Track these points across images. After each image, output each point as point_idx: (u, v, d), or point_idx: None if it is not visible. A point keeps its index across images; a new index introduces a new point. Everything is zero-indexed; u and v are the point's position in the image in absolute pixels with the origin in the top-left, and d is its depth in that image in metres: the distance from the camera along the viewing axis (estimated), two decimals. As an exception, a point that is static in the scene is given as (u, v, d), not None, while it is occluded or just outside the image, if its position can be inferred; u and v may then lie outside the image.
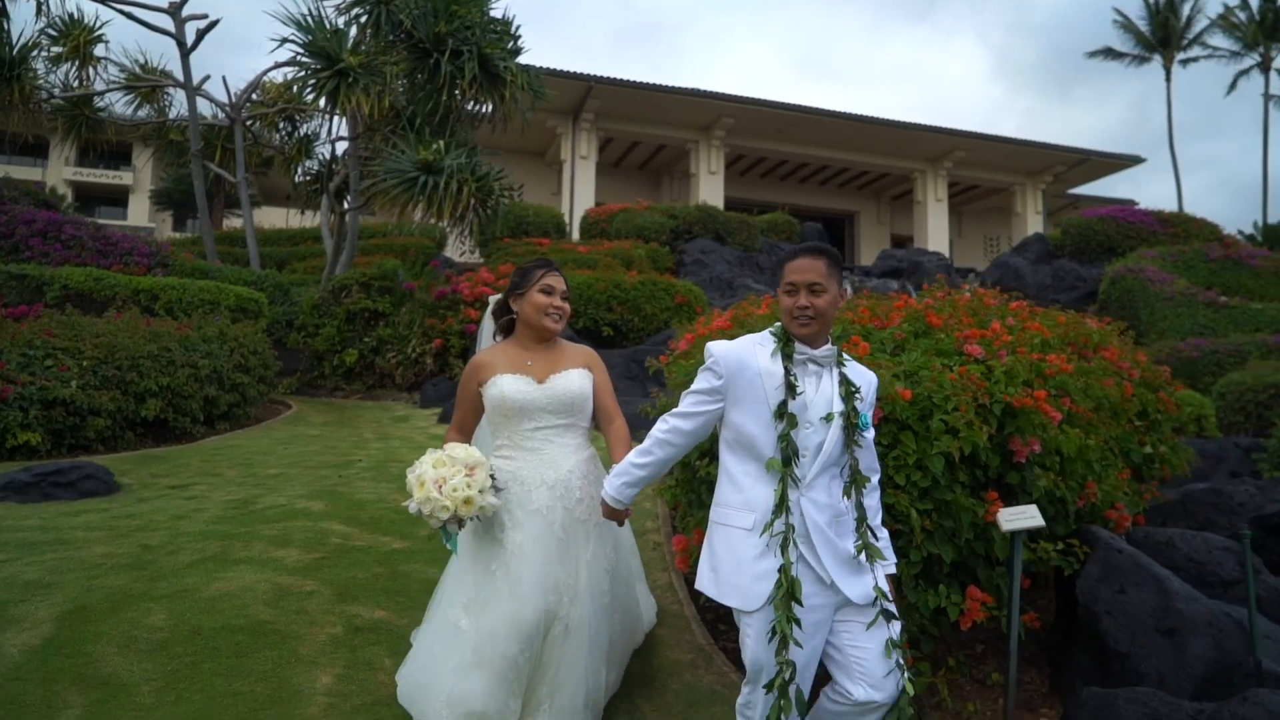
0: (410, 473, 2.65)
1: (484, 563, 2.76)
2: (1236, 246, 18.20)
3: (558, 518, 2.78)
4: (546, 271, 2.92)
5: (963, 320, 3.72)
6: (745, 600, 2.31)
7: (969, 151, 27.33)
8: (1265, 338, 13.26)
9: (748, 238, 18.50)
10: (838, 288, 2.46)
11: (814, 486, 2.35)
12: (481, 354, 2.93)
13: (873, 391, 2.54)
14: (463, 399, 2.90)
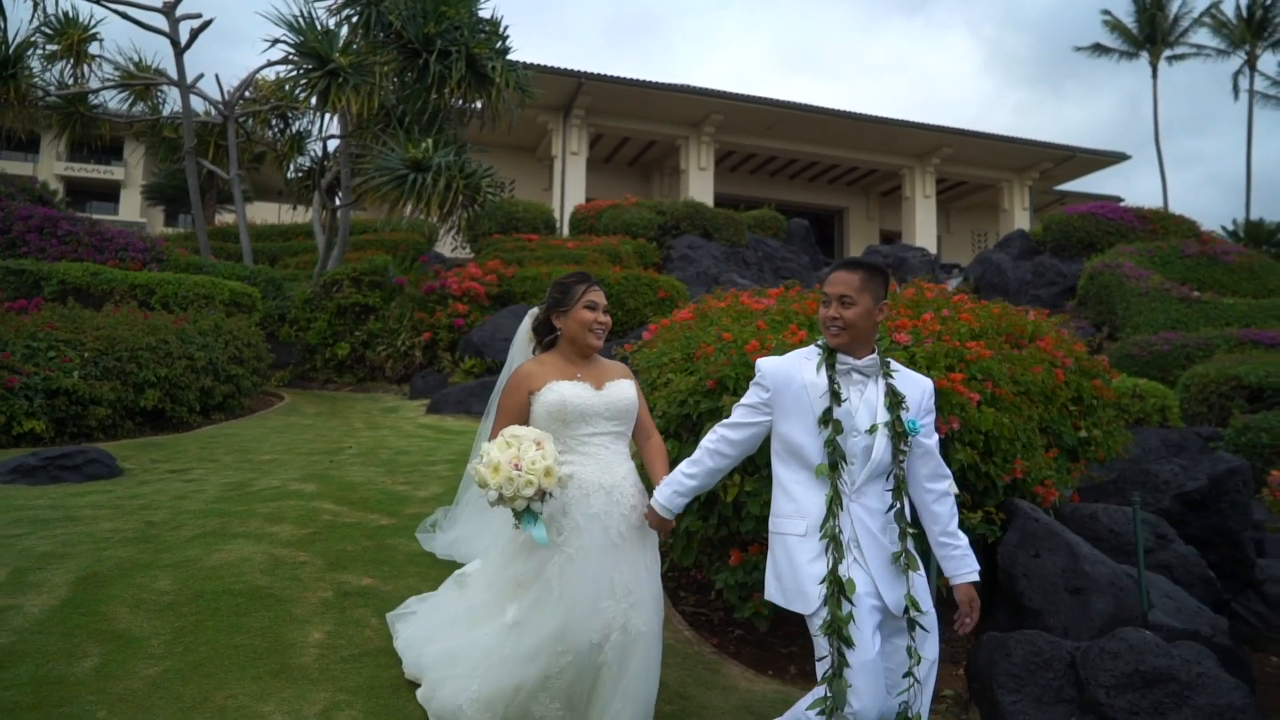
0: (476, 464, 2.59)
1: (539, 562, 2.73)
2: (1212, 243, 18.60)
3: (614, 523, 2.76)
4: (589, 287, 2.89)
5: (900, 311, 4.05)
6: (807, 604, 2.37)
7: (956, 148, 27.66)
8: (1234, 332, 13.65)
9: (734, 234, 18.82)
10: (874, 301, 2.48)
11: (865, 493, 2.43)
12: (526, 365, 2.91)
13: (927, 398, 2.55)
14: (508, 408, 2.84)
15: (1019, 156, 28.65)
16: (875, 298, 2.49)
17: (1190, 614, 3.57)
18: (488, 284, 10.98)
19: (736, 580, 3.57)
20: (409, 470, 6.10)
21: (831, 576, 2.32)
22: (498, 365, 9.86)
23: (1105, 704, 2.64)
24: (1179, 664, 2.65)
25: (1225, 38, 34.01)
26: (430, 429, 7.89)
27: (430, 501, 5.35)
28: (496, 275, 11.20)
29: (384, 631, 3.60)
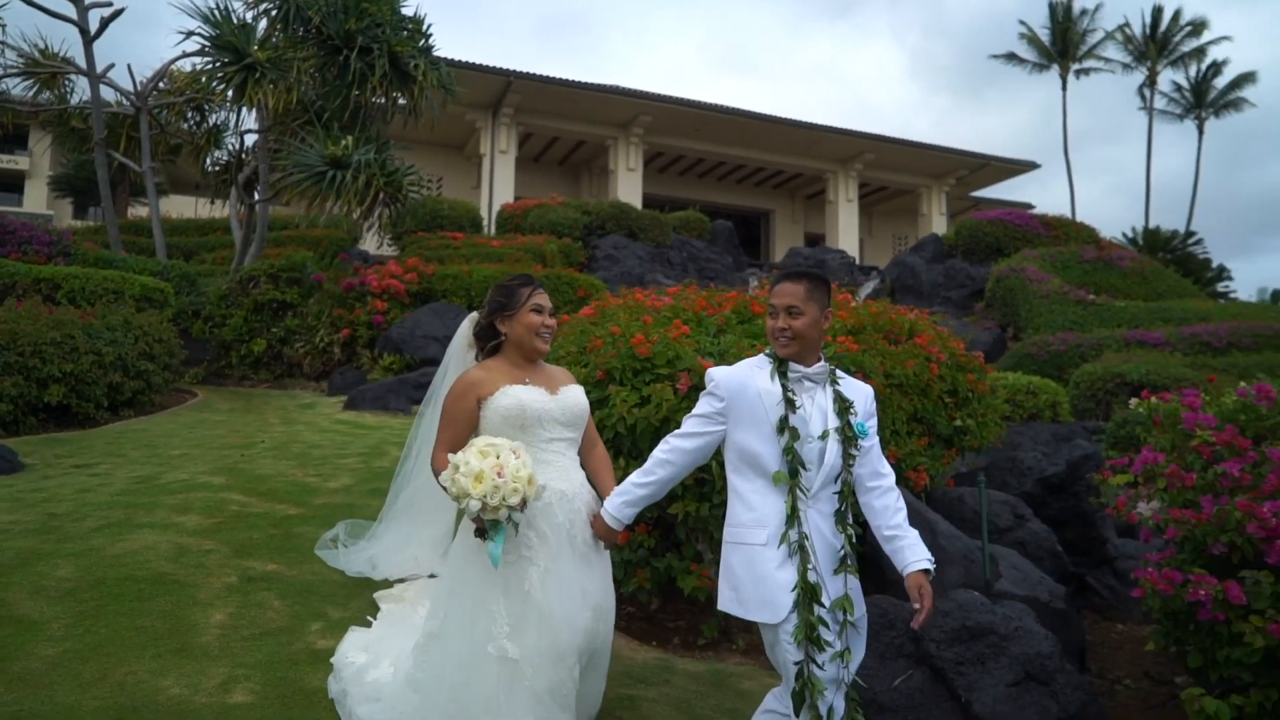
0: (455, 475, 2.45)
1: (515, 585, 2.60)
2: (1109, 249, 19.68)
3: (578, 532, 2.71)
4: (534, 290, 2.81)
5: (784, 309, 4.35)
6: (774, 612, 2.38)
7: (878, 154, 28.53)
8: (1123, 333, 14.52)
9: (659, 234, 19.14)
10: (820, 310, 2.53)
11: (819, 498, 2.47)
12: (472, 371, 2.78)
13: (870, 402, 2.63)
14: (456, 417, 2.70)
15: (936, 163, 29.70)
16: (821, 306, 2.54)
17: (1033, 583, 3.95)
18: (408, 282, 11.04)
19: (623, 558, 3.81)
20: (320, 463, 6.19)
21: (803, 583, 2.35)
22: (417, 362, 9.94)
23: (936, 656, 2.97)
24: (1000, 620, 3.00)
25: (1131, 53, 35.85)
26: (346, 424, 7.96)
27: (340, 492, 5.46)
28: (417, 273, 11.26)
29: (286, 612, 3.74)
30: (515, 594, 2.58)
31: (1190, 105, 35.24)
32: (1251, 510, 2.90)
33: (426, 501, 3.61)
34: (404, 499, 3.84)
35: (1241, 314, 15.93)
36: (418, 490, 3.68)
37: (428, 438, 3.31)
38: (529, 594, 2.57)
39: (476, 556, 2.62)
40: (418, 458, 3.62)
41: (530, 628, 2.56)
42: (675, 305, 4.35)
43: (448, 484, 2.46)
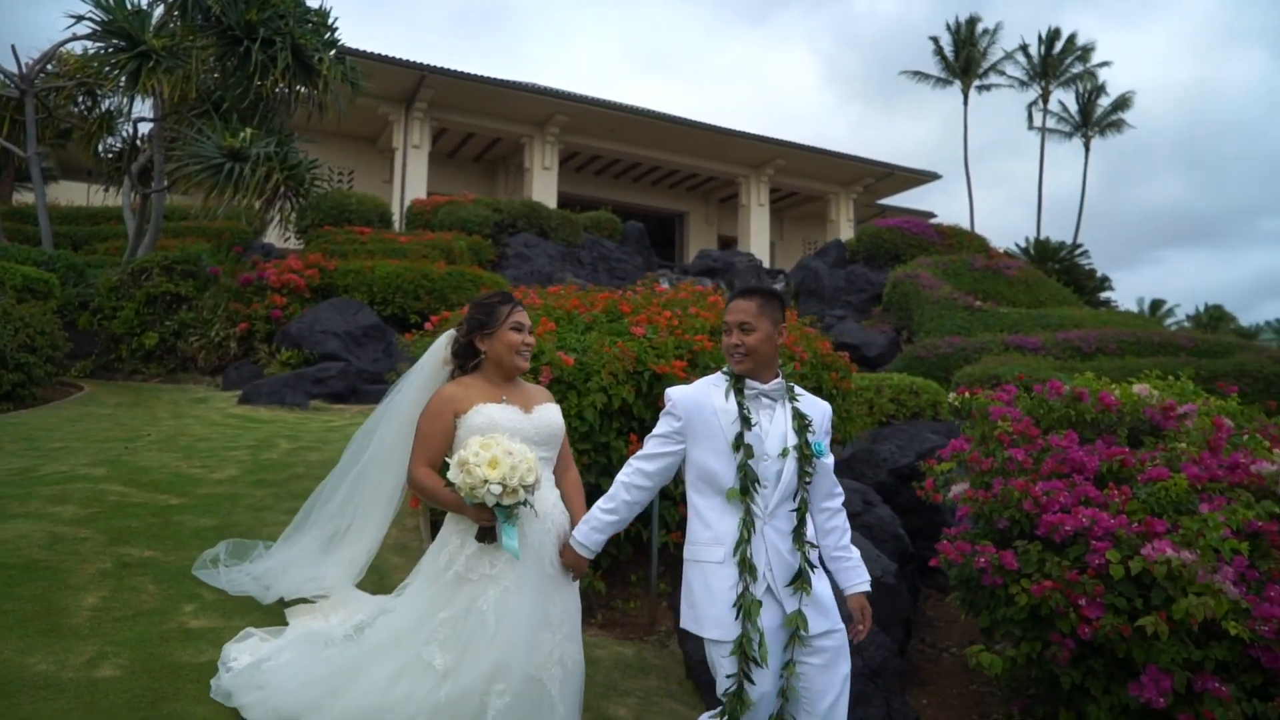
0: (467, 466, 2.47)
1: (469, 598, 2.61)
2: (998, 258, 20.83)
3: (548, 553, 2.70)
4: (513, 308, 2.82)
5: (653, 308, 4.67)
6: (726, 630, 2.39)
7: (789, 160, 29.34)
8: (1005, 337, 15.44)
9: (571, 233, 19.36)
10: (773, 325, 2.55)
11: (776, 515, 2.47)
12: (448, 388, 2.78)
13: (827, 420, 2.63)
14: (433, 434, 2.71)
15: (844, 171, 30.73)
16: (774, 321, 2.55)
17: (869, 561, 4.36)
18: (309, 277, 10.99)
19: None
20: (207, 455, 6.22)
21: (742, 599, 2.36)
22: (316, 357, 9.94)
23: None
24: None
25: (1027, 73, 37.75)
26: (239, 418, 7.95)
27: (224, 483, 5.54)
28: (318, 268, 11.22)
29: (160, 595, 3.85)
30: (464, 608, 2.59)
31: (1078, 124, 37.34)
32: (1028, 489, 3.35)
33: (360, 518, 3.53)
34: (331, 511, 3.68)
35: (1111, 321, 17.14)
36: (354, 505, 3.54)
37: (380, 458, 3.25)
38: (482, 613, 2.58)
39: (433, 564, 2.72)
40: (360, 475, 3.45)
41: (478, 641, 2.56)
42: (547, 304, 4.62)
43: (459, 479, 2.46)
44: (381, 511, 3.46)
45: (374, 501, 3.45)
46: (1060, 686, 3.18)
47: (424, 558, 2.91)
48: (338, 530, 3.68)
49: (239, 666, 3.10)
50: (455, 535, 2.71)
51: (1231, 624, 2.82)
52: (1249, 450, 3.59)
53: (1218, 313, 45.10)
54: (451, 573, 2.65)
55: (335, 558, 3.71)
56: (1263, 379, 12.37)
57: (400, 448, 3.08)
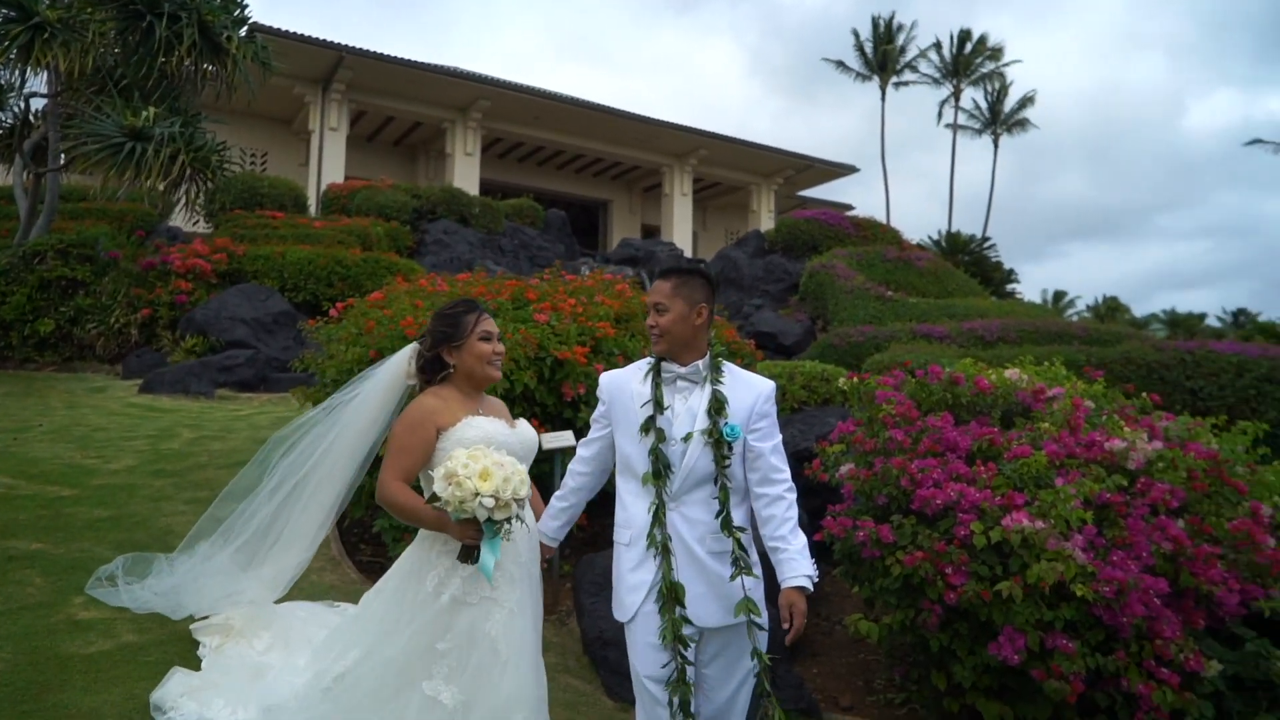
0: (455, 478, 2.30)
1: (469, 624, 2.45)
2: (909, 250, 21.52)
3: (536, 570, 2.65)
4: (479, 316, 2.71)
5: (559, 294, 4.75)
6: (622, 611, 2.45)
7: (712, 150, 29.64)
8: (913, 326, 15.98)
9: (492, 221, 19.22)
10: (688, 305, 2.48)
11: (685, 502, 2.42)
12: (428, 400, 2.63)
13: (762, 401, 2.50)
14: (413, 446, 2.54)
15: (766, 163, 31.21)
16: (690, 302, 2.49)
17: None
18: (216, 261, 10.70)
19: (391, 524, 4.10)
20: (103, 446, 6.06)
21: (666, 583, 2.35)
22: (223, 345, 9.70)
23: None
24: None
25: (940, 71, 38.93)
26: (139, 408, 7.73)
27: (121, 473, 5.41)
28: (226, 253, 10.92)
29: (48, 588, 3.78)
30: (467, 635, 2.44)
31: (987, 122, 38.71)
32: (905, 467, 3.56)
33: (289, 533, 3.29)
34: (255, 527, 3.38)
35: (1013, 312, 17.90)
36: (285, 521, 3.28)
37: (323, 474, 3.05)
38: (491, 639, 2.43)
39: (417, 588, 2.51)
40: (296, 491, 3.21)
41: (489, 670, 2.41)
42: (454, 291, 4.66)
43: (446, 493, 2.30)
44: (316, 529, 3.23)
45: (308, 518, 3.20)
46: (930, 650, 3.41)
47: (390, 580, 2.67)
48: (261, 548, 3.40)
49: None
50: (444, 556, 2.51)
51: (1079, 586, 3.07)
52: (1106, 429, 3.88)
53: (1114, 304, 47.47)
54: (447, 597, 2.45)
55: (257, 574, 3.45)
56: (1145, 365, 13.10)
57: (347, 465, 2.97)
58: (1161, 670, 3.13)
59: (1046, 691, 3.08)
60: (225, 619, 3.40)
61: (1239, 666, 3.44)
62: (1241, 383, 9.83)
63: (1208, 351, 10.48)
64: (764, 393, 2.53)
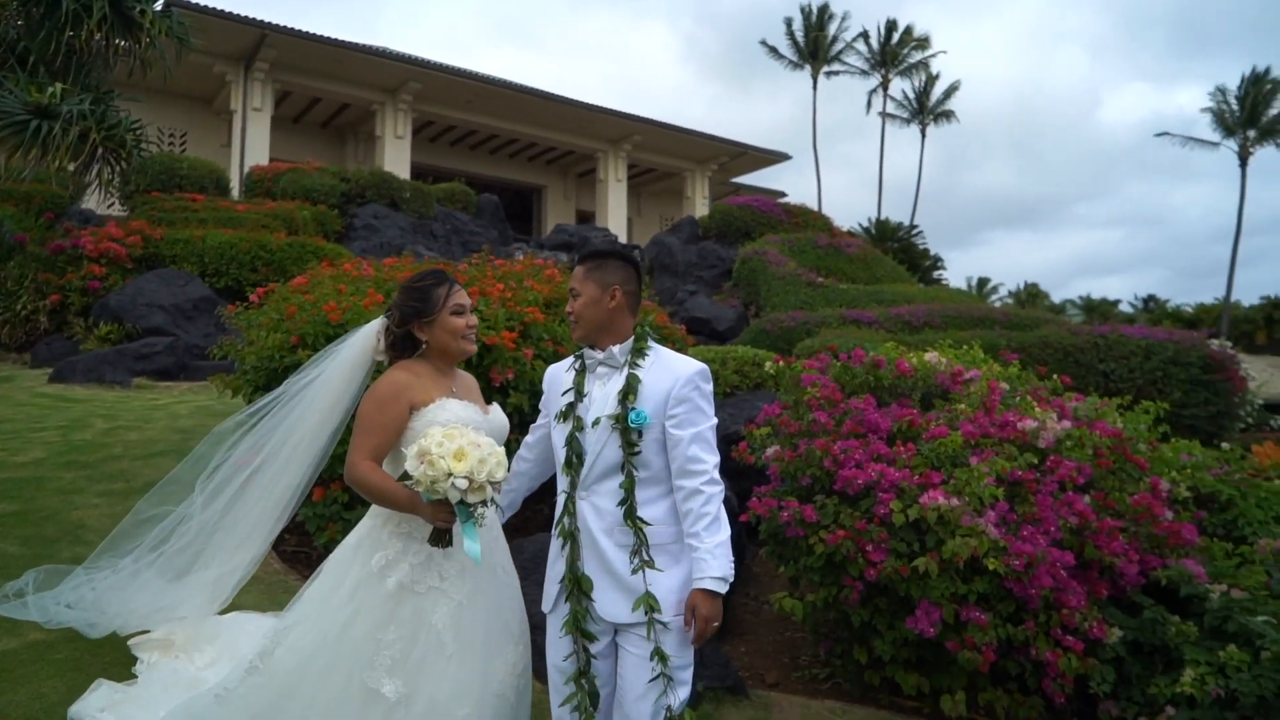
0: (429, 457, 2.19)
1: (415, 614, 2.34)
2: (840, 237, 21.93)
3: (500, 559, 2.53)
4: (450, 288, 2.58)
5: (487, 278, 4.71)
6: (545, 602, 2.44)
7: (646, 136, 29.63)
8: (843, 312, 16.32)
9: (423, 205, 18.91)
10: (600, 289, 2.42)
11: (596, 491, 2.36)
12: (399, 374, 2.49)
13: (681, 385, 2.36)
14: (382, 424, 2.41)
15: (700, 149, 31.35)
16: (602, 285, 2.42)
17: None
18: (131, 245, 10.29)
19: (315, 512, 4.03)
20: (9, 437, 5.80)
21: (570, 575, 2.32)
22: (139, 332, 9.35)
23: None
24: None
25: (868, 61, 39.58)
26: (48, 398, 7.41)
27: (29, 466, 5.19)
28: (142, 236, 10.51)
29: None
30: (412, 626, 2.32)
31: (915, 111, 39.55)
32: (828, 448, 3.65)
33: (245, 528, 3.01)
34: (200, 526, 3.11)
35: (939, 298, 18.42)
36: (236, 516, 3.01)
37: (278, 463, 2.81)
38: (436, 632, 2.32)
39: (362, 568, 2.38)
40: (247, 484, 2.96)
41: (433, 661, 2.30)
42: (379, 275, 4.58)
43: (419, 472, 2.18)
44: (274, 522, 2.95)
45: (263, 509, 2.93)
46: (852, 625, 3.51)
47: (336, 558, 2.51)
48: (205, 549, 3.11)
49: None
50: (396, 538, 2.39)
51: (991, 560, 3.20)
52: (1019, 410, 4.04)
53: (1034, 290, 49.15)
54: (393, 582, 2.33)
55: (198, 578, 3.16)
56: (1062, 349, 13.64)
57: (308, 450, 2.78)
58: (1067, 638, 3.29)
59: (960, 662, 3.22)
60: (166, 634, 3.15)
61: (1138, 632, 3.63)
62: (1149, 365, 10.33)
63: (1119, 336, 11.00)
64: (683, 376, 2.36)
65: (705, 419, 2.39)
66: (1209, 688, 3.22)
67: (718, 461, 2.37)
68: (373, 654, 2.29)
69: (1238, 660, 3.31)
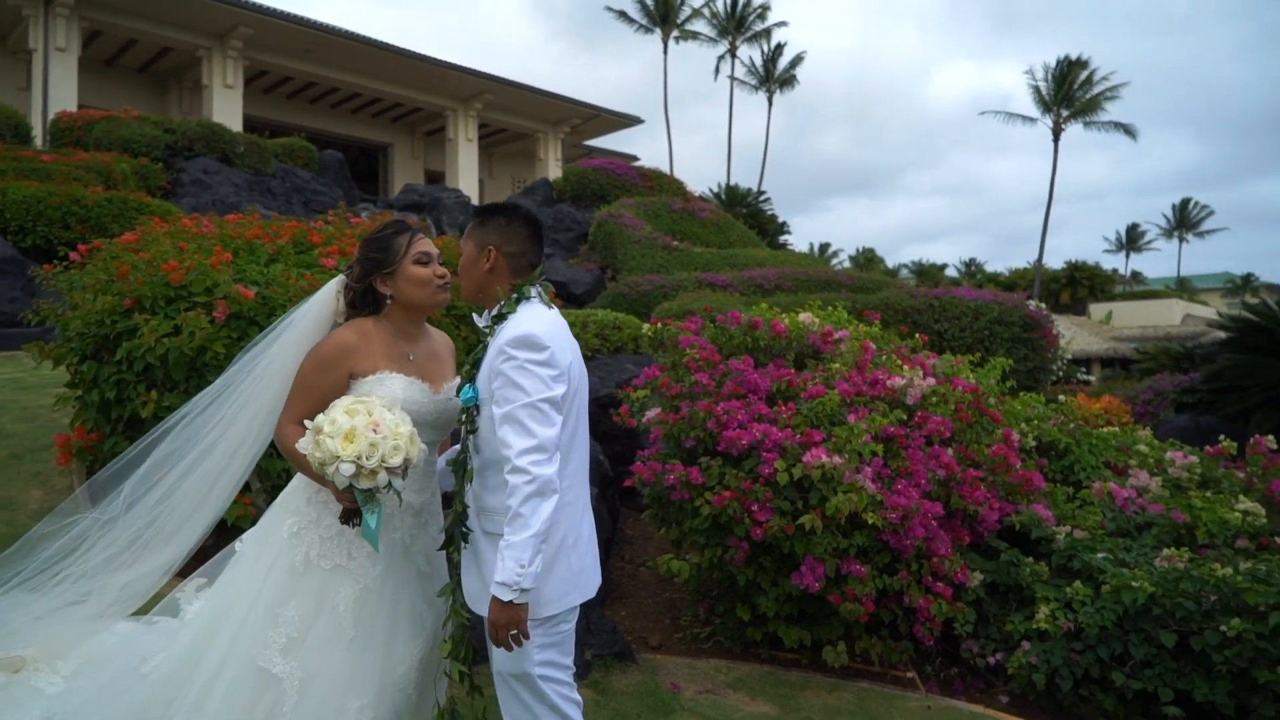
0: (318, 437, 2.02)
1: (318, 590, 2.18)
2: (693, 201, 22.25)
3: (421, 547, 2.35)
4: (413, 237, 2.37)
5: (346, 238, 4.40)
6: None
7: (497, 95, 28.82)
8: (698, 275, 16.59)
9: (260, 161, 17.65)
10: (476, 248, 2.26)
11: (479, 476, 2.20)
12: (347, 334, 2.28)
13: (494, 354, 2.13)
14: (320, 388, 2.22)
15: (553, 110, 30.85)
16: (479, 244, 2.26)
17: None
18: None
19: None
20: None
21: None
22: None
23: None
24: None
25: (716, 28, 40.04)
26: None
27: None
28: (-76, 188, 9.21)
29: None
30: (314, 604, 2.16)
31: (762, 79, 40.50)
32: (711, 410, 3.65)
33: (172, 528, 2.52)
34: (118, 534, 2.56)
35: (787, 262, 19.07)
36: (169, 509, 2.51)
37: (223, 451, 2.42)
38: (337, 613, 2.16)
39: (292, 541, 2.20)
40: (187, 472, 2.47)
41: (332, 646, 2.15)
42: (225, 233, 4.17)
43: (309, 449, 2.03)
44: (213, 511, 2.50)
45: (200, 501, 2.49)
46: (738, 584, 3.56)
47: (264, 520, 2.35)
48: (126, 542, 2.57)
49: None
50: (311, 505, 2.24)
51: (870, 514, 3.31)
52: (886, 368, 4.20)
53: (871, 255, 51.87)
54: (300, 554, 2.18)
55: (113, 581, 2.60)
56: (902, 310, 14.48)
57: (260, 430, 2.43)
58: (938, 585, 3.46)
59: (843, 614, 3.32)
60: (6, 654, 2.60)
61: (995, 575, 3.88)
62: (978, 325, 11.16)
63: (951, 298, 11.80)
64: (498, 343, 2.12)
65: (519, 394, 2.07)
66: (1060, 623, 3.48)
67: (537, 444, 2.03)
68: (269, 630, 2.12)
69: (1082, 595, 3.60)
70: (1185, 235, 65.00)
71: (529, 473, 2.02)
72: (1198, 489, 4.48)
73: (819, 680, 3.59)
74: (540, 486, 2.02)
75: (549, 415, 2.07)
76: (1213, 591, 3.36)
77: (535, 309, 2.25)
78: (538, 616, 2.13)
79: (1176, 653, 3.36)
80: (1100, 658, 3.43)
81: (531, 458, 2.03)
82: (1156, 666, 3.37)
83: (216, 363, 3.32)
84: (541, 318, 2.21)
